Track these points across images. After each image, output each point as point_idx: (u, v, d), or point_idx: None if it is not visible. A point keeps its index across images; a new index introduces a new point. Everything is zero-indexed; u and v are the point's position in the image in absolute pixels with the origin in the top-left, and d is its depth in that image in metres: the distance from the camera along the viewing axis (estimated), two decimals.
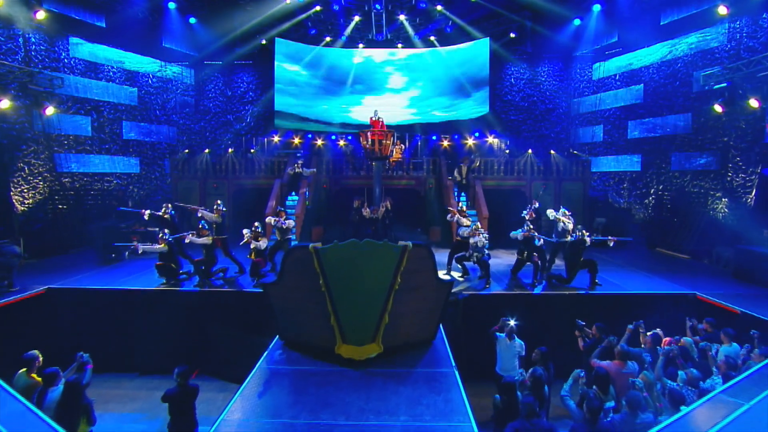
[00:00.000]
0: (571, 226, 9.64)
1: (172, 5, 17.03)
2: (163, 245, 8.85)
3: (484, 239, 9.41)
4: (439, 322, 6.80)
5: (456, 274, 10.22)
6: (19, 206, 14.73)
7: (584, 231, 9.04)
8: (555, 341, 7.75)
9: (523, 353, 6.74)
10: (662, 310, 8.13)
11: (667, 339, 6.11)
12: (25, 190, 14.94)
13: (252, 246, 9.28)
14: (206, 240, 9.14)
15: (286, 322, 6.72)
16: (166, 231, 9.19)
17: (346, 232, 13.76)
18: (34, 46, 14.78)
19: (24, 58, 14.12)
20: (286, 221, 10.13)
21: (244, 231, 9.43)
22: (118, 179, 17.70)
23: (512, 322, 6.84)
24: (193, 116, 20.80)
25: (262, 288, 7.23)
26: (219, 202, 10.48)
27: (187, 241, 9.22)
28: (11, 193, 14.43)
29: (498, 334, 6.97)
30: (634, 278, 10.24)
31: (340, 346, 6.07)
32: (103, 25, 16.56)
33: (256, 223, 9.61)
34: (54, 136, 15.54)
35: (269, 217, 10.24)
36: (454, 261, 10.28)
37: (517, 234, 9.42)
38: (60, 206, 15.36)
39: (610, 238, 9.35)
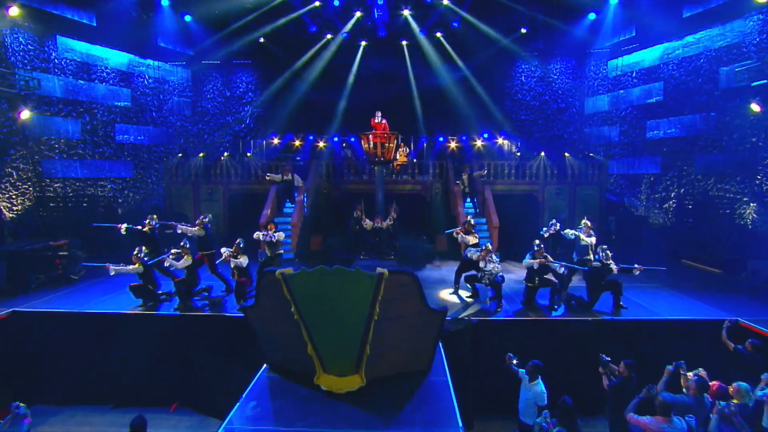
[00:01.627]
0: (593, 240, 8.71)
1: (165, 1, 16.24)
2: (137, 265, 8.04)
3: (497, 267, 8.43)
4: (433, 352, 6.13)
5: (464, 293, 9.30)
6: (7, 213, 14.12)
7: (608, 252, 8.07)
8: (576, 373, 6.92)
9: (543, 404, 5.83)
10: (700, 339, 7.13)
11: (715, 383, 5.16)
12: (14, 197, 14.34)
13: (232, 265, 8.43)
14: (186, 262, 8.31)
15: (268, 347, 6.33)
16: (143, 249, 8.38)
17: (348, 241, 12.95)
18: (21, 46, 14.15)
19: (3, 59, 13.39)
20: (276, 234, 9.27)
21: (223, 250, 8.58)
22: (112, 184, 17.04)
23: (515, 362, 6.02)
24: (190, 118, 20.10)
25: (242, 310, 6.70)
26: (202, 215, 9.71)
27: (166, 264, 8.37)
28: None
29: (520, 370, 6.10)
30: (662, 299, 9.18)
31: (320, 376, 5.64)
32: (94, 23, 15.83)
33: (238, 239, 8.75)
34: (44, 139, 14.92)
35: (256, 233, 9.36)
36: (462, 280, 9.32)
37: (532, 263, 8.29)
38: (51, 213, 14.69)
39: (636, 266, 8.21)
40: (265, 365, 6.16)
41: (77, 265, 11.03)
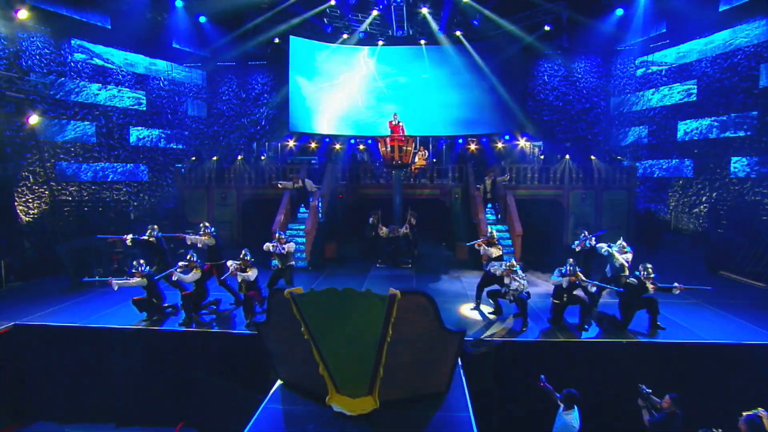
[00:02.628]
0: (630, 257, 8.07)
1: (179, 3, 16.03)
2: (141, 278, 7.71)
3: (522, 283, 7.85)
4: (451, 375, 5.81)
5: (486, 309, 8.74)
6: (23, 217, 14.08)
7: (649, 269, 7.40)
8: (610, 402, 6.33)
9: None
10: (751, 368, 6.40)
11: None
12: (30, 200, 14.32)
13: (239, 278, 8.04)
14: (195, 275, 7.95)
15: (281, 364, 6.15)
16: (141, 262, 8.04)
17: (363, 249, 12.51)
18: (38, 50, 14.11)
19: (13, 62, 13.29)
20: (286, 245, 8.86)
21: (230, 263, 8.19)
22: (127, 187, 16.95)
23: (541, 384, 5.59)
24: (205, 120, 19.93)
25: (254, 327, 6.52)
26: (207, 224, 9.39)
27: (174, 278, 8.01)
28: (15, 204, 13.78)
29: (557, 395, 5.59)
30: (703, 317, 8.35)
31: (332, 396, 5.42)
32: (109, 26, 15.73)
33: (244, 251, 8.36)
34: (60, 143, 14.89)
35: (266, 244, 8.95)
36: (485, 295, 8.72)
37: (560, 280, 7.63)
38: (66, 217, 14.61)
39: (676, 285, 7.44)
40: (271, 392, 5.82)
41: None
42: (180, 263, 8.04)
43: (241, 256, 8.17)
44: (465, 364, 6.42)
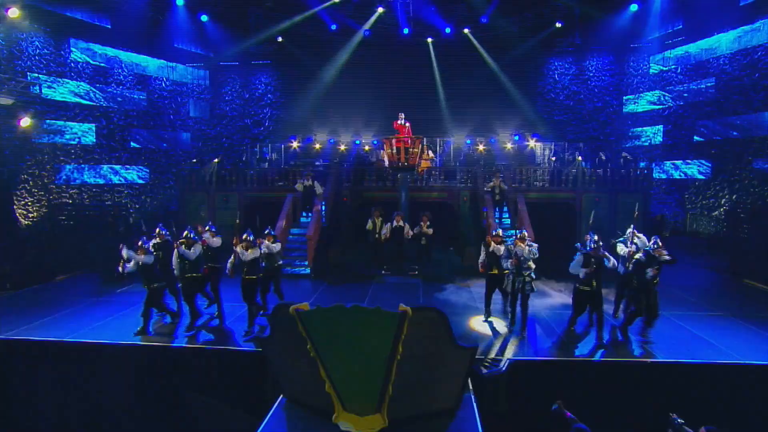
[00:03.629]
0: (644, 240, 7.67)
1: (180, 1, 15.70)
2: (143, 254, 7.59)
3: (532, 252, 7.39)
4: (463, 389, 5.68)
5: (498, 322, 8.18)
6: (23, 220, 13.83)
7: (660, 242, 7.03)
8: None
9: None
10: None
11: None
12: (29, 204, 14.09)
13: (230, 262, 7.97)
14: (197, 249, 7.88)
15: (286, 381, 5.98)
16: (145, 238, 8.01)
17: (367, 255, 12.07)
18: (37, 50, 13.86)
19: (11, 63, 13.03)
20: (275, 245, 8.62)
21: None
22: (128, 189, 16.68)
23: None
24: (208, 121, 19.63)
25: (258, 343, 6.47)
26: (206, 229, 9.15)
27: (174, 266, 8.00)
28: (14, 207, 13.53)
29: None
30: (733, 334, 7.55)
31: (339, 415, 5.30)
32: (109, 26, 15.46)
33: (246, 232, 8.12)
34: (60, 145, 14.67)
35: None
36: (496, 307, 8.20)
37: (580, 271, 7.14)
38: (65, 222, 14.33)
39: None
40: (267, 417, 5.52)
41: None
42: (180, 242, 7.86)
43: (244, 237, 7.98)
44: (474, 383, 6.00)
